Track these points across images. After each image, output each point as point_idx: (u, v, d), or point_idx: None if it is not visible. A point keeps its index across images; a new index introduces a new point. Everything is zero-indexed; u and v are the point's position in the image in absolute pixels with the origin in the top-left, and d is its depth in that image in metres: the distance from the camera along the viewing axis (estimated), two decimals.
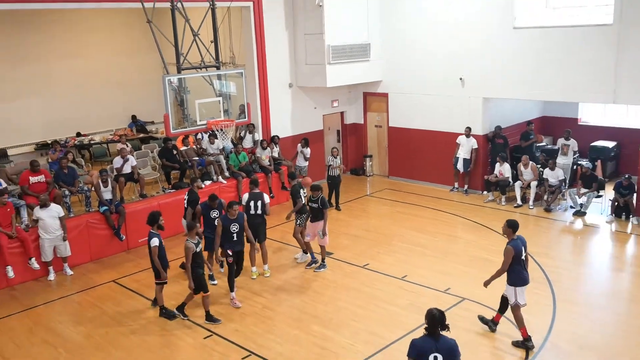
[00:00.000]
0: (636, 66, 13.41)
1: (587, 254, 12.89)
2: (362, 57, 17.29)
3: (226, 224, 10.51)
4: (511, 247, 8.43)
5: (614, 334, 9.11)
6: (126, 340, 9.50)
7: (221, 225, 10.48)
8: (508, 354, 8.63)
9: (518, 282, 8.57)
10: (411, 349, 5.96)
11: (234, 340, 9.31)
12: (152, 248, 9.69)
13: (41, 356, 9.11)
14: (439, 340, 5.93)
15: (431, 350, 5.86)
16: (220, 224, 10.51)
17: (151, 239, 9.70)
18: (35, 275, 11.95)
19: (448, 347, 5.94)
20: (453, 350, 5.95)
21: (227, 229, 10.50)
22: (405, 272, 11.51)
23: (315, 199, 11.52)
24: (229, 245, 10.53)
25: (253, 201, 11.45)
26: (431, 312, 6.02)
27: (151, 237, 9.71)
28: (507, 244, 8.53)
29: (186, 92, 13.15)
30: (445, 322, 5.99)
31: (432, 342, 5.91)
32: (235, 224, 10.55)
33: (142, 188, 14.14)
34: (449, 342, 5.98)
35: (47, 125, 18.24)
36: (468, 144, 16.28)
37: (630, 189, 13.88)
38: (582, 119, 18.55)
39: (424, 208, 15.62)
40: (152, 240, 9.68)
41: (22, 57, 17.79)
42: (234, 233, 10.55)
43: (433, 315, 5.97)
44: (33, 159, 13.41)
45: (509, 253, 8.42)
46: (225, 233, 10.50)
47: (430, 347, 5.88)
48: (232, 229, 10.52)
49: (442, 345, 5.91)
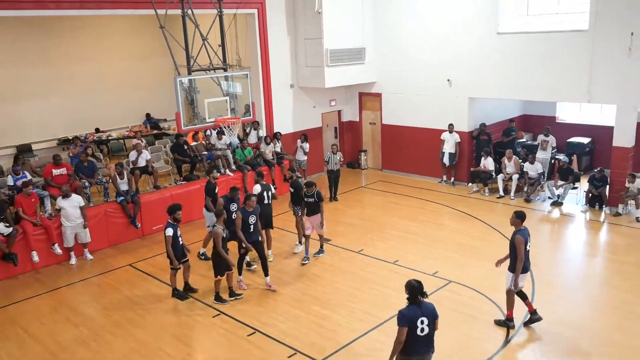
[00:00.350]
0: (609, 68, 13.42)
1: (564, 241, 12.93)
2: (358, 60, 17.26)
3: (245, 216, 10.22)
4: (521, 236, 8.32)
5: (588, 313, 9.16)
6: (141, 319, 9.55)
7: (241, 218, 10.16)
8: (491, 331, 8.67)
9: None
10: (402, 319, 6.18)
11: (240, 318, 9.35)
12: (166, 237, 9.68)
13: (64, 333, 9.16)
14: (421, 306, 6.26)
15: (418, 316, 6.19)
16: (239, 217, 10.16)
17: (166, 229, 9.71)
18: (58, 260, 11.98)
19: (430, 310, 6.31)
20: (434, 312, 6.35)
21: (246, 221, 10.21)
22: (397, 257, 11.55)
23: (310, 194, 11.31)
24: (246, 236, 10.23)
25: (265, 192, 11.48)
26: (410, 284, 6.31)
27: (167, 227, 9.73)
28: (516, 234, 8.38)
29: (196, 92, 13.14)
30: (423, 290, 6.30)
31: (417, 309, 6.23)
32: (253, 216, 10.29)
33: (156, 180, 14.14)
34: (430, 306, 6.34)
35: (68, 123, 18.21)
36: (452, 139, 16.32)
37: (603, 181, 13.90)
38: (560, 117, 18.55)
39: (414, 198, 15.64)
40: (167, 230, 9.69)
41: (46, 60, 17.75)
42: (252, 225, 10.28)
43: (413, 286, 6.28)
44: (55, 154, 13.43)
45: (521, 242, 8.28)
46: (243, 225, 10.20)
47: (417, 313, 6.20)
48: (250, 221, 10.25)
49: (425, 310, 6.27)
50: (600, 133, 16.73)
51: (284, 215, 13.99)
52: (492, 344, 8.29)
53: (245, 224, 10.17)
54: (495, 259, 11.21)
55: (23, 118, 17.25)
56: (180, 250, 10.01)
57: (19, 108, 17.21)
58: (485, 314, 9.16)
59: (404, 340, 6.18)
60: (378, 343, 8.46)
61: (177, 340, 8.82)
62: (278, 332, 8.89)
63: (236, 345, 8.58)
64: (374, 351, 8.26)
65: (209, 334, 8.99)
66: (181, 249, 10.05)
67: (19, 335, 9.14)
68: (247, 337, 8.80)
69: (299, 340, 8.61)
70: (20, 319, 9.68)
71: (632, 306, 9.30)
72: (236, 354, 8.35)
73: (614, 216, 13.58)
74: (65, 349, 8.66)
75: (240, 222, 10.11)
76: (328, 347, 8.38)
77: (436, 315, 6.35)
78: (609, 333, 8.45)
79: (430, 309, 6.31)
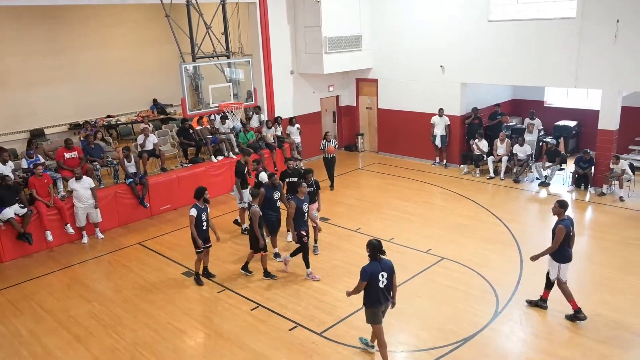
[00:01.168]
0: (595, 54, 13.31)
1: (551, 220, 12.85)
2: (355, 47, 17.11)
3: (299, 205, 9.49)
4: (563, 226, 7.85)
5: (572, 286, 9.13)
6: (150, 294, 9.57)
7: (294, 207, 9.41)
8: (481, 305, 8.69)
9: (563, 259, 8.06)
10: (364, 274, 6.71)
11: (243, 294, 9.38)
12: (190, 217, 9.18)
13: (77, 308, 9.18)
14: (382, 262, 6.76)
15: (379, 271, 6.71)
16: (294, 206, 9.41)
17: (190, 209, 9.22)
18: (71, 239, 11.98)
19: (389, 266, 6.83)
20: (392, 267, 6.86)
21: (300, 209, 9.48)
22: (392, 235, 11.55)
23: (309, 182, 10.69)
24: (303, 225, 9.56)
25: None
26: (372, 243, 6.77)
27: (191, 207, 9.25)
28: (559, 223, 7.93)
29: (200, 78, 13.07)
30: (382, 248, 6.77)
31: (378, 265, 6.74)
32: (306, 204, 9.56)
33: (163, 162, 14.08)
34: (389, 262, 6.85)
35: (79, 108, 18.10)
36: (442, 122, 16.29)
37: (589, 162, 13.87)
38: (548, 102, 18.46)
39: (409, 180, 15.61)
40: (191, 210, 9.20)
41: (59, 48, 17.57)
42: (306, 212, 9.62)
43: (374, 245, 6.74)
44: (67, 138, 13.39)
45: (561, 232, 7.84)
46: (298, 213, 9.48)
47: (378, 269, 6.72)
48: (305, 209, 9.56)
49: (385, 266, 6.79)
50: (587, 117, 16.65)
51: None
52: (482, 318, 8.32)
53: (300, 213, 9.47)
54: (486, 237, 11.33)
55: (35, 104, 17.15)
56: (203, 233, 9.44)
57: (32, 94, 17.10)
58: (475, 289, 9.19)
59: (367, 292, 6.78)
60: None
61: (185, 314, 8.84)
62: (279, 307, 8.91)
63: (240, 319, 8.60)
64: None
65: (215, 308, 9.02)
66: (205, 233, 9.47)
67: (35, 310, 9.16)
68: (251, 311, 8.83)
69: (299, 314, 8.64)
70: (35, 295, 9.71)
71: (615, 282, 9.32)
72: (240, 327, 8.38)
73: (598, 196, 13.56)
74: (79, 323, 8.69)
75: (294, 211, 9.42)
76: (328, 320, 8.42)
77: (394, 269, 6.86)
78: (593, 308, 8.46)
79: (390, 265, 6.82)
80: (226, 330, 8.32)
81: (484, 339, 7.83)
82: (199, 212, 9.29)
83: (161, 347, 7.95)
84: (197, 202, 9.32)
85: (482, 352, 7.51)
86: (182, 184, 13.77)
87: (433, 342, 7.77)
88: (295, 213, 9.45)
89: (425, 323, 8.28)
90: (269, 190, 10.08)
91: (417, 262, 10.26)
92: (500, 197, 13.94)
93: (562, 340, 7.73)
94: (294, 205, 9.43)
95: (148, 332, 8.36)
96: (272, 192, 10.11)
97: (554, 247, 7.95)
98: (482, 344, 7.70)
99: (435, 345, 7.68)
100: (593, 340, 7.69)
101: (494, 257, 10.43)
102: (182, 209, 13.68)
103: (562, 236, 7.86)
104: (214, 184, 14.35)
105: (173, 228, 12.59)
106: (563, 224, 7.91)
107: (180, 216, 13.23)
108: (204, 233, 9.49)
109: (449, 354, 7.49)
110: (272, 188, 10.14)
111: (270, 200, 10.07)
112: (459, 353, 7.51)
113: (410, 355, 7.56)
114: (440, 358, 7.42)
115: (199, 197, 9.31)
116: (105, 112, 18.64)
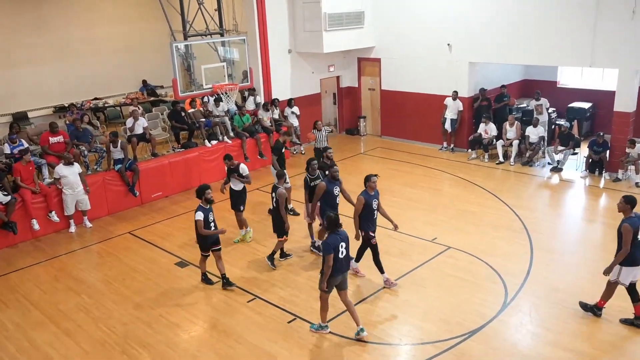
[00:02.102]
0: (612, 32, 13.24)
1: (563, 206, 12.97)
2: (357, 24, 17.03)
3: (369, 201, 8.73)
4: (629, 225, 7.42)
5: (583, 276, 9.23)
6: (142, 285, 9.63)
7: (363, 202, 8.65)
8: (488, 295, 8.76)
9: (626, 261, 7.58)
10: (327, 247, 7.35)
11: (240, 285, 9.43)
12: (197, 222, 8.79)
13: (65, 301, 9.25)
14: (340, 234, 7.48)
15: (339, 242, 7.44)
16: (362, 201, 8.64)
17: (196, 213, 8.83)
18: (58, 228, 12.02)
19: (345, 236, 7.57)
20: (348, 237, 7.61)
21: (370, 205, 8.72)
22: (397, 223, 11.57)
23: (314, 176, 10.14)
24: (371, 225, 8.90)
25: None
26: (330, 217, 7.54)
27: (197, 211, 8.84)
28: (624, 222, 7.51)
29: (192, 58, 13.05)
30: (339, 220, 7.56)
31: (337, 237, 7.46)
32: (376, 200, 8.82)
33: (154, 147, 14.09)
34: (345, 233, 7.59)
35: (64, 89, 18.09)
36: (455, 105, 16.22)
37: (603, 146, 13.88)
38: (561, 82, 18.43)
39: (413, 165, 15.63)
40: (197, 214, 8.80)
41: (42, 25, 17.51)
42: (375, 210, 8.91)
43: (332, 219, 7.51)
44: (52, 121, 13.37)
45: (629, 232, 7.39)
46: (367, 211, 8.77)
47: (338, 240, 7.45)
48: (374, 206, 8.84)
49: (342, 236, 7.53)
50: (602, 98, 16.62)
51: None
52: (490, 309, 8.38)
53: (369, 209, 8.78)
54: (494, 224, 11.38)
55: (17, 85, 17.12)
56: (212, 237, 9.08)
57: (13, 75, 17.06)
58: (483, 279, 9.25)
59: None
60: (377, 308, 8.58)
61: (177, 306, 8.91)
62: (277, 299, 8.98)
63: (236, 311, 8.68)
64: (372, 316, 8.36)
65: (209, 300, 9.08)
66: (213, 236, 9.09)
67: (21, 303, 9.23)
68: (247, 303, 8.89)
69: (298, 306, 8.71)
70: (21, 287, 9.77)
71: None
72: (236, 320, 8.46)
73: (613, 182, 13.60)
74: (68, 316, 8.76)
75: (361, 207, 8.69)
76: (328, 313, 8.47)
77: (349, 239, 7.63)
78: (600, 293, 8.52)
79: (346, 235, 7.56)
80: (222, 323, 8.39)
81: (492, 331, 7.90)
82: (206, 215, 8.85)
83: (153, 341, 8.03)
84: (200, 202, 8.91)
85: (490, 345, 7.58)
86: (174, 170, 13.80)
87: (438, 334, 7.85)
88: (363, 209, 8.75)
89: (431, 315, 8.35)
90: (330, 184, 9.41)
91: (422, 252, 10.33)
92: (510, 182, 13.97)
93: (574, 332, 7.79)
94: (362, 200, 8.68)
95: (140, 326, 8.43)
96: (332, 186, 9.44)
97: (625, 250, 7.47)
98: (490, 337, 7.77)
99: (441, 338, 7.76)
100: (606, 332, 7.76)
101: (502, 245, 10.49)
102: (174, 196, 13.73)
103: (631, 236, 7.43)
104: (208, 170, 14.40)
105: (165, 216, 12.64)
106: (629, 222, 7.49)
107: (172, 204, 13.28)
108: (213, 236, 9.13)
109: (455, 347, 7.56)
110: (332, 181, 9.45)
111: (330, 195, 9.43)
112: (465, 346, 7.59)
113: (415, 348, 7.64)
114: (446, 351, 7.49)
115: (199, 196, 8.89)
116: (92, 94, 18.62)
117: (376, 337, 7.84)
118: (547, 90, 16.77)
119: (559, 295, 8.67)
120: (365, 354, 7.51)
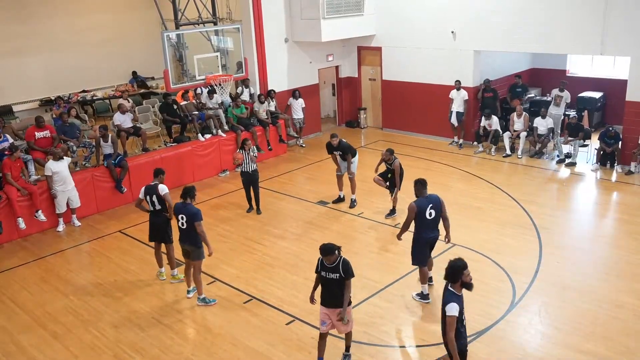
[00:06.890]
0: (624, 18, 13.20)
1: (573, 201, 12.96)
2: (356, 12, 16.96)
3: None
4: None
5: (595, 275, 9.23)
6: (133, 286, 9.61)
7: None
8: (495, 294, 8.76)
9: None
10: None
11: (235, 285, 9.42)
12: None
13: (53, 303, 9.23)
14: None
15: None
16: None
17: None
18: (45, 227, 12.00)
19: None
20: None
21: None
22: (399, 220, 11.58)
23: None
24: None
25: None
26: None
27: None
28: None
29: (185, 48, 13.01)
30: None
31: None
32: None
33: (145, 142, 14.04)
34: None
35: (50, 82, 18.05)
36: (459, 96, 16.13)
37: (615, 138, 13.86)
38: (571, 71, 18.39)
39: (417, 159, 15.61)
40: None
41: (26, 15, 17.45)
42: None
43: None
44: (38, 115, 13.34)
45: None
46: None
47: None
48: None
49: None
50: (613, 87, 16.59)
51: (279, 178, 13.98)
52: (497, 309, 8.38)
53: (422, 217, 8.23)
54: (501, 220, 11.37)
55: (1, 78, 17.08)
56: None
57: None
58: (490, 278, 9.24)
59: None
60: (379, 309, 8.56)
61: (171, 308, 8.90)
62: (275, 299, 8.97)
63: (232, 313, 8.67)
64: (374, 317, 8.35)
65: None
66: None
67: (7, 305, 9.21)
68: (243, 304, 8.88)
69: (297, 307, 8.69)
70: (7, 289, 9.75)
71: None
72: (232, 321, 8.45)
73: (626, 175, 13.59)
74: (56, 319, 8.74)
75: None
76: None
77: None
78: (615, 296, 8.52)
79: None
80: (217, 326, 8.38)
81: (499, 331, 7.90)
82: None
83: (145, 344, 8.01)
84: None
85: (497, 346, 7.58)
86: (166, 165, 13.70)
87: None
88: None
89: (435, 315, 8.32)
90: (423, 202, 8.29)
91: None
92: (518, 176, 13.96)
93: (585, 332, 7.78)
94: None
95: (131, 328, 8.41)
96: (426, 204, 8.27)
97: None
98: (497, 338, 7.77)
99: None
100: (618, 333, 7.75)
101: (510, 242, 10.48)
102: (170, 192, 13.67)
103: None
104: (201, 165, 14.37)
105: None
106: None
107: None
108: None
109: None
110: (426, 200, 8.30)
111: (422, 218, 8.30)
112: (471, 347, 7.55)
113: (419, 350, 7.64)
114: None
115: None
116: (79, 87, 18.59)
117: (378, 339, 7.84)
118: (558, 79, 16.70)
119: (570, 294, 8.66)
120: (367, 356, 7.50)
